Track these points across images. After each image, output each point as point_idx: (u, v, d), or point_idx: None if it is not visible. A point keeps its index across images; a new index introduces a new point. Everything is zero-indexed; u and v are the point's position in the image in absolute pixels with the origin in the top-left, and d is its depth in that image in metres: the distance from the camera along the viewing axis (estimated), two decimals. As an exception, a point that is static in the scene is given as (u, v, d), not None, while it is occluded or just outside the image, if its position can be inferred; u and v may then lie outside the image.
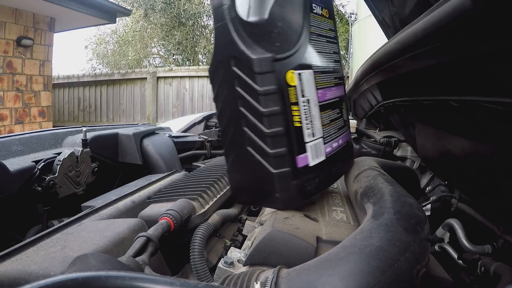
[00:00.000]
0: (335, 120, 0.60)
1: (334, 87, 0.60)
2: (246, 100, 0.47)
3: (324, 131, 0.55)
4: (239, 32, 0.46)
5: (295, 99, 0.48)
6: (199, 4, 8.43)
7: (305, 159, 0.51)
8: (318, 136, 0.53)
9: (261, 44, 0.46)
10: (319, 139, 0.54)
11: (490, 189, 0.62)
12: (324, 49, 0.58)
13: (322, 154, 0.54)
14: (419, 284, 0.30)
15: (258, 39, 0.47)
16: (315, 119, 0.52)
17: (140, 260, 0.42)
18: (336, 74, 0.61)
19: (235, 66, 0.47)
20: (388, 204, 0.38)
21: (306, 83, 0.51)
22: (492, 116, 0.46)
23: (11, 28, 3.70)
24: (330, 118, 0.57)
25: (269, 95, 0.46)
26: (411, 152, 1.15)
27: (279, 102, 0.47)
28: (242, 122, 0.49)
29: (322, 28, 0.58)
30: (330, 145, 0.57)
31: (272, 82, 0.46)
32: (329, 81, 0.58)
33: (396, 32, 0.74)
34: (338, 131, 0.60)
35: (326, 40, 0.59)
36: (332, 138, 0.58)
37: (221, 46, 0.49)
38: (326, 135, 0.55)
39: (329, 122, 0.57)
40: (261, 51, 0.46)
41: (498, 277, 0.57)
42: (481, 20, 0.32)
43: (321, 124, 0.54)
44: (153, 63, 9.81)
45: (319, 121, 0.53)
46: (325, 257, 0.32)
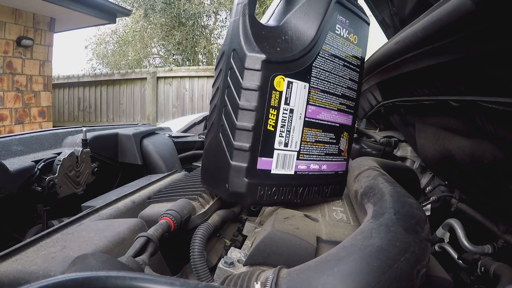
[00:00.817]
0: (325, 143, 0.58)
1: (336, 111, 0.59)
2: (231, 91, 0.50)
3: (303, 147, 0.55)
4: (246, 29, 0.49)
5: (276, 104, 0.50)
6: (199, 4, 8.43)
7: (268, 164, 0.52)
8: (291, 149, 0.53)
9: (262, 45, 0.49)
10: (292, 152, 0.54)
11: (490, 189, 0.62)
12: (336, 71, 0.57)
13: (290, 167, 0.54)
14: (419, 284, 0.30)
15: (262, 40, 0.49)
16: (295, 131, 0.53)
17: (140, 260, 0.42)
18: (343, 100, 0.60)
19: (232, 58, 0.50)
20: (388, 204, 0.38)
21: (295, 93, 0.52)
22: (492, 116, 0.46)
23: (11, 28, 3.70)
24: (317, 139, 0.57)
25: (250, 91, 0.48)
26: (411, 152, 1.15)
27: (258, 101, 0.49)
28: (223, 110, 0.52)
29: (340, 50, 0.57)
30: (306, 164, 0.56)
31: (257, 80, 0.48)
32: (330, 103, 0.58)
33: (396, 32, 0.74)
34: (324, 156, 0.58)
35: (343, 64, 0.58)
36: (312, 159, 0.56)
37: (228, 38, 0.52)
38: (304, 152, 0.55)
39: (314, 142, 0.56)
40: (258, 50, 0.48)
41: (498, 277, 0.57)
42: (481, 20, 0.32)
43: (300, 139, 0.54)
44: (153, 63, 9.81)
45: (299, 135, 0.54)
46: (325, 257, 0.32)
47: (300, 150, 0.54)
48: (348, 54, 0.58)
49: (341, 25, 0.57)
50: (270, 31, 0.50)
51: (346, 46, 0.58)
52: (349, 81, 0.60)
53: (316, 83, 0.54)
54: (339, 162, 0.62)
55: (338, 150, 0.61)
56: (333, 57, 0.56)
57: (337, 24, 0.56)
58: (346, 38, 0.58)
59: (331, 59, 0.56)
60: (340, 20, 0.57)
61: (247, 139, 0.50)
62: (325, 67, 0.55)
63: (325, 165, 0.59)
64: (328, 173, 0.60)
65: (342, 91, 0.59)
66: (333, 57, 0.56)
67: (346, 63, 0.59)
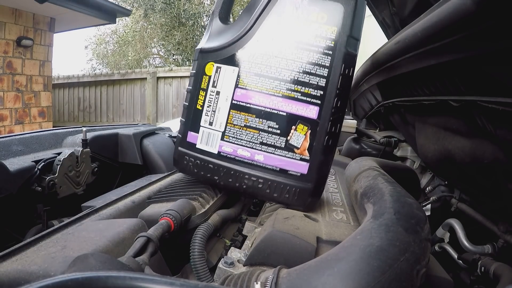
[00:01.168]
0: (261, 131, 0.55)
1: (281, 97, 0.54)
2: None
3: (229, 129, 0.57)
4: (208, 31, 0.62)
5: (205, 86, 0.58)
6: (199, 4, 8.43)
7: (195, 138, 0.61)
8: (215, 128, 0.59)
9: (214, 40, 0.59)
10: (217, 132, 0.59)
11: (490, 189, 0.62)
12: (282, 54, 0.54)
13: (214, 146, 0.59)
14: (419, 284, 0.30)
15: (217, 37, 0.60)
16: (220, 112, 0.58)
17: (140, 260, 0.42)
18: (294, 86, 0.53)
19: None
20: (388, 204, 0.38)
21: (223, 77, 0.57)
22: (492, 116, 0.46)
23: (11, 28, 3.70)
24: (247, 123, 0.55)
25: (192, 77, 0.60)
26: (411, 152, 1.15)
27: (193, 84, 0.60)
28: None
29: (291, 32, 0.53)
30: (231, 147, 0.57)
31: (195, 67, 0.59)
32: (270, 88, 0.54)
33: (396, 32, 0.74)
34: (259, 145, 0.55)
35: (295, 46, 0.53)
36: (241, 144, 0.56)
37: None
38: (229, 134, 0.57)
39: (243, 126, 0.56)
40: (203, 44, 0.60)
41: (498, 277, 0.57)
42: (481, 20, 0.32)
43: (226, 120, 0.57)
44: (153, 63, 9.81)
45: (225, 116, 0.58)
46: (325, 257, 0.32)
47: (225, 132, 0.58)
48: (305, 35, 0.53)
49: (293, 5, 0.53)
50: (224, 28, 0.59)
51: (305, 27, 0.53)
52: (307, 65, 0.53)
53: (249, 67, 0.56)
54: (288, 159, 0.55)
55: (287, 144, 0.55)
56: (277, 40, 0.54)
57: (287, 4, 0.53)
58: (304, 18, 0.53)
59: (274, 42, 0.54)
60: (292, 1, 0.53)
61: (186, 116, 0.62)
62: (264, 51, 0.55)
63: (260, 156, 0.55)
64: (267, 167, 0.56)
65: (292, 76, 0.53)
66: (278, 39, 0.54)
67: (301, 45, 0.53)
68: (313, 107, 0.53)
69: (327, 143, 0.54)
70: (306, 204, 0.56)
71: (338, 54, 0.52)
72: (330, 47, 0.52)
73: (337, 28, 0.52)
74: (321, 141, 0.54)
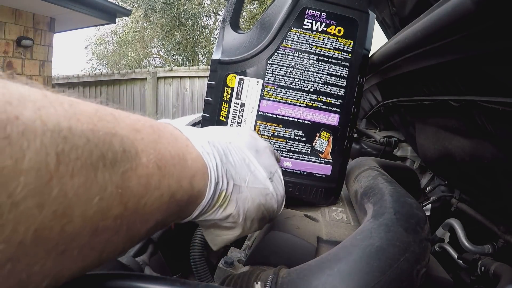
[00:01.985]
0: (288, 139, 0.58)
1: (305, 107, 0.57)
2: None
3: None
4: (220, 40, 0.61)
5: (228, 98, 0.58)
6: (199, 4, 8.43)
7: None
8: None
9: (229, 51, 0.59)
10: None
11: (490, 189, 0.62)
12: (304, 67, 0.56)
13: None
14: (419, 284, 0.30)
15: (231, 47, 0.59)
16: (246, 123, 0.58)
17: (140, 260, 0.42)
18: (316, 97, 0.57)
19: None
20: (388, 204, 0.38)
21: (246, 89, 0.57)
22: (492, 116, 0.46)
23: (11, 28, 3.70)
24: (274, 133, 0.57)
25: (210, 88, 0.60)
26: (411, 152, 1.14)
27: (214, 95, 0.59)
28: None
29: (312, 45, 0.56)
30: None
31: (214, 79, 0.59)
32: (295, 99, 0.57)
33: (396, 32, 0.74)
34: (286, 152, 0.58)
35: (316, 59, 0.56)
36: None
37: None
38: None
39: (271, 136, 0.58)
40: (219, 54, 0.59)
41: (498, 277, 0.57)
42: (481, 20, 0.32)
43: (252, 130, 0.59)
44: (153, 63, 9.81)
45: (252, 127, 0.58)
46: (325, 257, 0.32)
47: None
48: (325, 48, 0.56)
49: (312, 19, 0.56)
50: (238, 38, 0.59)
51: (323, 40, 0.56)
52: (328, 76, 0.57)
53: (273, 79, 0.57)
54: (314, 163, 0.59)
55: (312, 150, 0.59)
56: (298, 52, 0.56)
57: (306, 19, 0.56)
58: (323, 31, 0.56)
59: (296, 55, 0.56)
60: (311, 15, 0.56)
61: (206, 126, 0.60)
62: (286, 63, 0.56)
63: (288, 162, 0.59)
64: (296, 172, 0.59)
65: (315, 87, 0.57)
66: (299, 52, 0.56)
67: (321, 58, 0.57)
68: (334, 115, 0.59)
69: (346, 146, 0.60)
70: (330, 202, 0.62)
71: (355, 66, 0.58)
72: (347, 59, 0.58)
73: (353, 42, 0.57)
74: (341, 144, 0.60)
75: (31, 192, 0.15)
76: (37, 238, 0.16)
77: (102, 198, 0.19)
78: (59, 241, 0.17)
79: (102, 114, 0.21)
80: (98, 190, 0.18)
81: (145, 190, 0.22)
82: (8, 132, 0.15)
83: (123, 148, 0.21)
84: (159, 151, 0.24)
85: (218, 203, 0.31)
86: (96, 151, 0.19)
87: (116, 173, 0.20)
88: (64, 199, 0.17)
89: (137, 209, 0.21)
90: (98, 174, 0.18)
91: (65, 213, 0.17)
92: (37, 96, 0.17)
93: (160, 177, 0.23)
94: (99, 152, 0.19)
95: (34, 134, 0.16)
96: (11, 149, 0.15)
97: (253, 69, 0.57)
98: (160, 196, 0.23)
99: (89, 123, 0.19)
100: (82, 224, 0.18)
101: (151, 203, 0.22)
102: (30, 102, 0.17)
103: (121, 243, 0.22)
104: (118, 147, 0.20)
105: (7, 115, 0.15)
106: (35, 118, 0.16)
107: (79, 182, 0.17)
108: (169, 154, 0.25)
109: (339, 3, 0.56)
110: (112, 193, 0.19)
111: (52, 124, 0.17)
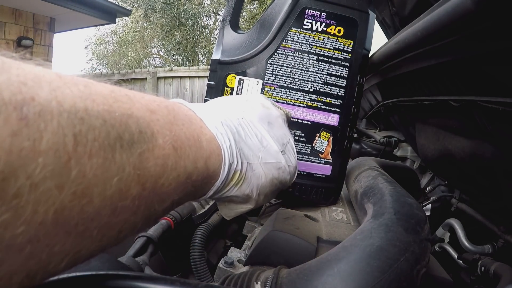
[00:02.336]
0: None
1: (305, 108, 0.57)
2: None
3: None
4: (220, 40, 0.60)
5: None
6: (199, 4, 8.43)
7: None
8: None
9: (228, 51, 0.58)
10: None
11: (490, 189, 0.62)
12: (304, 67, 0.56)
13: None
14: (419, 284, 0.30)
15: (230, 47, 0.59)
16: None
17: (140, 260, 0.42)
18: (316, 97, 0.57)
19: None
20: (388, 204, 0.38)
21: (246, 89, 0.57)
22: (492, 116, 0.46)
23: (11, 28, 3.70)
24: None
25: (210, 88, 0.59)
26: (411, 152, 1.14)
27: (214, 95, 0.58)
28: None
29: (311, 45, 0.56)
30: None
31: (214, 79, 0.58)
32: (295, 99, 0.57)
33: (396, 32, 0.74)
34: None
35: (316, 59, 0.56)
36: None
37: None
38: None
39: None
40: (219, 54, 0.58)
41: (498, 277, 0.57)
42: (481, 20, 0.32)
43: None
44: (153, 63, 9.80)
45: None
46: (325, 257, 0.32)
47: None
48: (325, 48, 0.56)
49: (312, 19, 0.56)
50: (238, 38, 0.59)
51: (323, 40, 0.56)
52: (328, 76, 0.57)
53: (273, 79, 0.57)
54: (314, 164, 0.59)
55: (312, 150, 0.59)
56: (298, 52, 0.56)
57: (306, 19, 0.56)
58: (323, 31, 0.56)
59: (295, 55, 0.56)
60: (311, 15, 0.56)
61: None
62: (286, 63, 0.56)
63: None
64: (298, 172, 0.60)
65: (314, 87, 0.57)
66: (299, 52, 0.56)
67: (321, 58, 0.57)
68: (334, 115, 0.59)
69: (346, 146, 0.60)
70: (330, 202, 0.62)
71: (355, 66, 0.58)
72: (347, 59, 0.57)
73: (353, 42, 0.57)
74: (341, 145, 0.60)
75: (50, 173, 0.15)
76: (57, 219, 0.16)
77: (120, 178, 0.19)
78: (78, 222, 0.17)
79: (117, 95, 0.21)
80: (117, 171, 0.19)
81: (162, 171, 0.22)
82: (25, 113, 0.15)
83: (139, 129, 0.21)
84: (175, 132, 0.24)
85: (232, 182, 0.32)
86: (113, 132, 0.19)
87: (133, 154, 0.20)
88: (83, 180, 0.17)
89: (155, 189, 0.22)
90: (115, 155, 0.19)
91: (84, 193, 0.17)
92: (52, 77, 0.17)
93: (177, 158, 0.24)
94: (116, 133, 0.19)
95: (50, 115, 0.16)
96: (28, 131, 0.14)
97: (253, 69, 0.57)
98: (177, 177, 0.24)
99: (105, 104, 0.19)
100: (102, 204, 0.18)
101: (168, 183, 0.23)
102: (45, 82, 0.16)
103: (139, 223, 0.22)
104: (134, 128, 0.20)
105: (22, 96, 0.15)
106: (51, 98, 0.16)
107: (98, 163, 0.17)
108: (184, 136, 0.26)
109: (339, 3, 0.56)
110: (130, 174, 0.20)
111: (68, 105, 0.17)
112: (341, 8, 0.56)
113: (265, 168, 0.35)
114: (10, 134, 0.14)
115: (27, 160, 0.14)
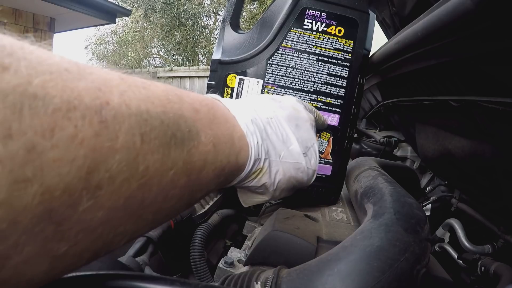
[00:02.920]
0: None
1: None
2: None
3: None
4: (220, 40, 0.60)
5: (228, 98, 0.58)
6: (199, 4, 8.43)
7: None
8: None
9: (229, 51, 0.58)
10: None
11: (490, 189, 0.62)
12: (304, 67, 0.57)
13: None
14: (419, 284, 0.30)
15: (231, 47, 0.58)
16: None
17: (140, 260, 0.42)
18: (316, 97, 0.57)
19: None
20: (388, 204, 0.38)
21: (246, 89, 0.57)
22: (492, 116, 0.46)
23: (11, 28, 3.69)
24: None
25: (211, 88, 0.59)
26: (411, 152, 1.14)
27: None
28: None
29: (312, 45, 0.56)
30: None
31: (214, 79, 0.58)
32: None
33: (396, 32, 0.74)
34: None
35: (316, 59, 0.57)
36: None
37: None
38: None
39: None
40: (219, 54, 0.58)
41: (498, 277, 0.57)
42: (481, 20, 0.32)
43: None
44: (153, 63, 9.80)
45: None
46: (325, 257, 0.32)
47: None
48: (325, 48, 0.57)
49: (312, 20, 0.56)
50: (238, 38, 0.59)
51: (323, 40, 0.57)
52: (328, 76, 0.57)
53: (273, 79, 0.57)
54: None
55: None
56: (299, 52, 0.56)
57: (306, 19, 0.56)
58: (323, 32, 0.56)
59: (296, 55, 0.56)
60: (311, 15, 0.56)
61: None
62: (286, 63, 0.56)
63: None
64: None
65: (315, 87, 0.57)
66: (299, 52, 0.56)
67: (322, 58, 0.57)
68: (334, 115, 0.59)
69: (346, 146, 0.60)
70: (330, 202, 0.62)
71: (355, 66, 0.58)
72: (348, 59, 0.58)
73: (353, 42, 0.57)
74: (341, 145, 0.60)
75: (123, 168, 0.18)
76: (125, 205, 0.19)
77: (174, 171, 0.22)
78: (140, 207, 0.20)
79: (169, 95, 0.24)
80: (171, 165, 0.22)
81: (203, 165, 0.26)
82: (104, 117, 0.17)
83: (188, 128, 0.24)
84: (214, 130, 0.28)
85: (254, 174, 0.36)
86: (169, 132, 0.22)
87: (183, 151, 0.23)
88: (147, 173, 0.20)
89: (197, 180, 0.26)
90: (171, 151, 0.22)
91: (147, 183, 0.20)
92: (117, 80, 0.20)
93: (215, 154, 0.27)
94: (171, 132, 0.22)
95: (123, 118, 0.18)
96: (107, 132, 0.17)
97: (253, 69, 0.57)
98: (214, 169, 0.28)
99: (161, 105, 0.22)
100: (158, 192, 0.21)
101: (207, 175, 0.27)
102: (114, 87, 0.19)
103: (182, 208, 0.26)
104: (184, 128, 0.24)
105: (100, 101, 0.17)
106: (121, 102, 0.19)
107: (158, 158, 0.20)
108: (221, 134, 0.29)
109: (339, 3, 0.56)
110: (180, 167, 0.23)
111: (134, 107, 0.19)
112: (342, 8, 0.56)
113: (284, 166, 0.38)
114: (94, 135, 0.16)
115: (107, 157, 0.17)
